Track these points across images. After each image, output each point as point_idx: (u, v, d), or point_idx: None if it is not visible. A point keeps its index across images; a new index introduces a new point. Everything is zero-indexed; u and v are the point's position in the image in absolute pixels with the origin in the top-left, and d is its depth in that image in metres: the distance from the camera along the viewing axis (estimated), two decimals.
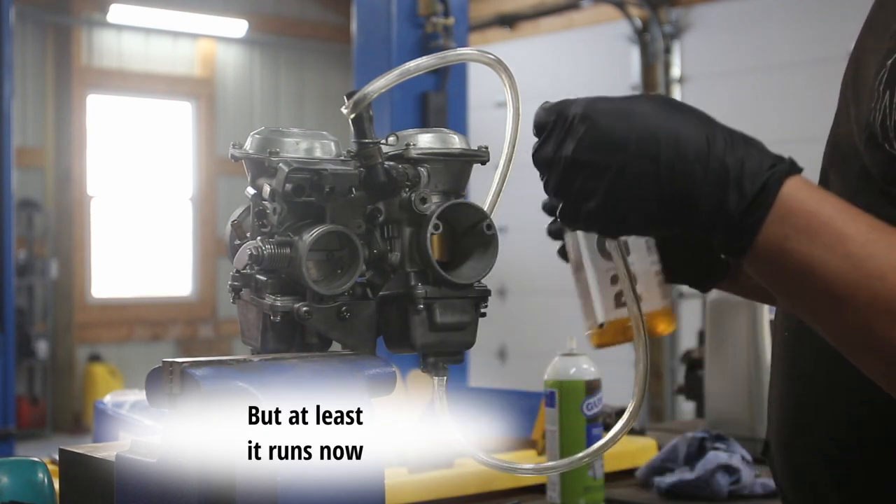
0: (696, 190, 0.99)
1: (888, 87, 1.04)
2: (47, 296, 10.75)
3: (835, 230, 0.96)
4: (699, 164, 0.99)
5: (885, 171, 1.04)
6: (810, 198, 0.98)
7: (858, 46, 1.17)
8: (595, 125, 1.00)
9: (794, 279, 0.98)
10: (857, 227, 0.97)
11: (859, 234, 0.96)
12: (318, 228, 1.18)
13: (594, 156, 1.00)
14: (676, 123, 1.00)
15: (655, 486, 2.02)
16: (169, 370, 1.09)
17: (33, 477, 1.34)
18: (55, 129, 10.83)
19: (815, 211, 0.97)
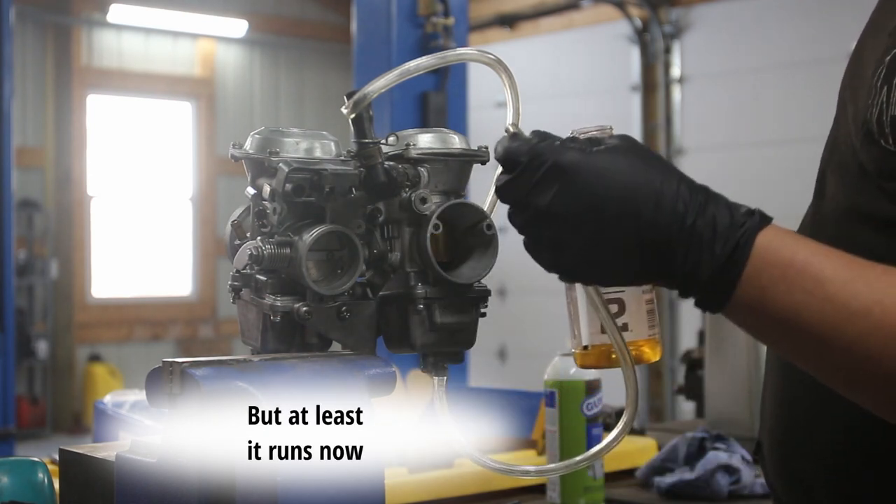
0: (671, 252, 0.99)
1: (885, 83, 1.04)
2: (47, 296, 10.75)
3: (812, 274, 0.96)
4: (676, 225, 0.98)
5: (880, 166, 1.05)
6: (784, 246, 0.98)
7: (858, 48, 1.18)
8: (571, 181, 0.99)
9: (776, 327, 0.99)
10: (833, 268, 0.97)
11: (837, 274, 0.96)
12: (318, 228, 1.18)
13: (569, 213, 0.99)
14: (652, 182, 0.99)
15: (655, 486, 2.02)
16: (169, 370, 1.09)
17: (33, 477, 1.34)
18: (55, 129, 10.83)
19: (789, 259, 0.97)
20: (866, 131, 1.06)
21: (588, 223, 0.99)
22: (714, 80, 9.33)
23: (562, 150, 1.00)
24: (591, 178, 0.99)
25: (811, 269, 0.97)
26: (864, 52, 1.14)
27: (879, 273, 0.97)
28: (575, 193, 0.99)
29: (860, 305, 0.95)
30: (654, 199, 0.98)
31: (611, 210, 0.99)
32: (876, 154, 1.05)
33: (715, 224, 0.98)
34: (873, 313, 0.94)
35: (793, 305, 0.96)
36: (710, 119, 9.35)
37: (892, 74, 1.04)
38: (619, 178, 0.99)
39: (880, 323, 0.94)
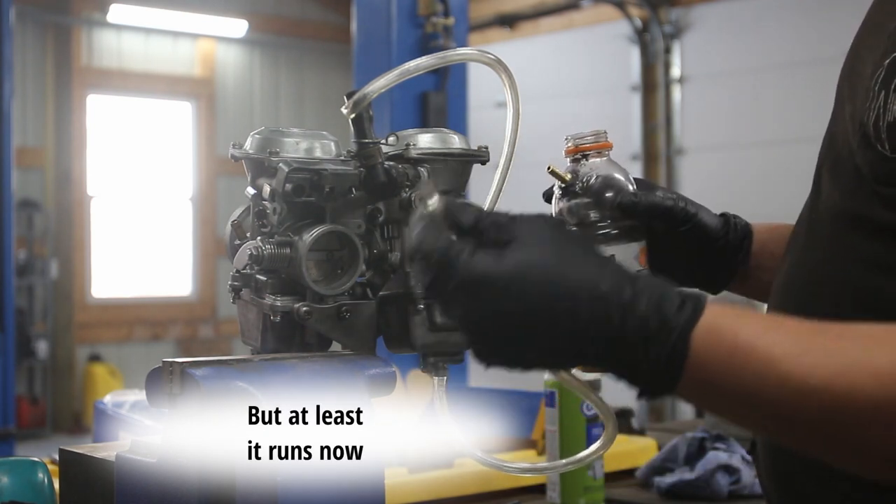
0: (612, 342, 0.94)
1: (883, 87, 1.04)
2: (47, 296, 10.75)
3: (760, 356, 0.91)
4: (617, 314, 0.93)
5: (876, 171, 1.04)
6: (725, 332, 0.92)
7: (855, 44, 1.17)
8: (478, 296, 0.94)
9: (732, 410, 0.95)
10: (783, 344, 0.91)
11: (788, 351, 0.91)
12: (318, 228, 1.18)
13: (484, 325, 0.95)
14: (570, 285, 0.94)
15: (655, 486, 2.02)
16: (169, 370, 1.09)
17: (33, 477, 1.34)
18: (55, 129, 10.83)
19: (732, 344, 0.92)
20: (863, 134, 1.06)
21: (507, 333, 0.95)
22: (714, 80, 9.33)
23: (470, 261, 0.95)
24: (502, 289, 0.94)
25: (759, 351, 0.91)
26: (862, 50, 1.13)
27: (834, 338, 0.92)
28: (486, 308, 0.94)
29: (817, 382, 0.89)
30: (572, 308, 0.93)
31: (528, 321, 0.94)
32: (872, 157, 1.05)
33: (647, 326, 0.92)
34: (834, 386, 0.89)
35: (745, 391, 0.91)
36: (710, 119, 9.35)
37: (890, 79, 1.04)
38: (533, 288, 0.94)
39: (845, 393, 0.89)
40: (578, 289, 0.93)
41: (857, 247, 1.05)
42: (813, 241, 1.14)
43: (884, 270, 1.02)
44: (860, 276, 1.04)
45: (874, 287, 1.02)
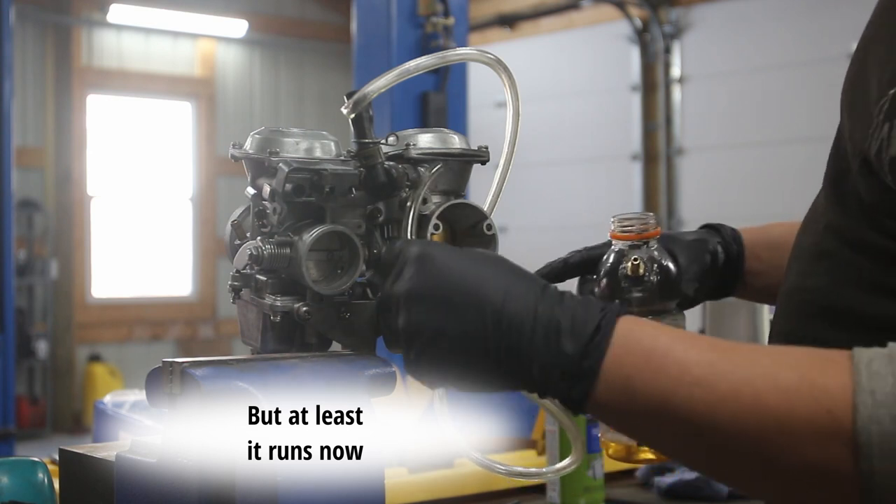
0: (524, 342, 0.96)
1: (888, 119, 1.01)
2: (47, 296, 10.75)
3: (676, 359, 0.93)
4: (528, 315, 0.97)
5: (875, 200, 1.03)
6: (645, 334, 0.95)
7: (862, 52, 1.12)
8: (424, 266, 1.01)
9: (644, 418, 0.94)
10: (697, 352, 0.93)
11: (702, 358, 0.92)
12: (318, 228, 1.18)
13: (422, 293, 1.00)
14: (505, 280, 0.99)
15: (655, 486, 2.02)
16: (169, 370, 1.09)
17: (33, 477, 1.34)
18: (55, 129, 10.83)
19: (651, 346, 0.94)
20: (863, 160, 1.04)
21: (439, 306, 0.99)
22: (714, 80, 9.33)
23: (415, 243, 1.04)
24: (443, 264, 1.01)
25: (674, 354, 0.93)
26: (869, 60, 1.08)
27: (747, 352, 0.93)
28: (427, 275, 1.01)
29: (728, 388, 0.90)
30: (502, 293, 0.98)
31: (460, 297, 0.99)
32: (874, 185, 1.03)
33: (574, 312, 0.96)
34: (743, 395, 0.90)
35: (660, 393, 0.92)
36: (710, 119, 9.35)
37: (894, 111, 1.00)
38: (471, 268, 1.00)
39: (752, 404, 0.89)
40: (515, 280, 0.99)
41: (863, 271, 1.04)
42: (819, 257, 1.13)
43: (887, 294, 1.01)
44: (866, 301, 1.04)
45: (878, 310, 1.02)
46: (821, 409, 0.88)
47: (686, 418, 0.92)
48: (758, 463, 0.91)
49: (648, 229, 1.23)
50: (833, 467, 0.88)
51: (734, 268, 1.38)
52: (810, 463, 0.89)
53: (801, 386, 0.89)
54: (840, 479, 0.88)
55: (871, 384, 0.88)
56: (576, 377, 0.95)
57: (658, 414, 0.93)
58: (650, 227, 1.23)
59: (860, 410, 0.87)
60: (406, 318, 1.01)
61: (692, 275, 1.33)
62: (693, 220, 9.39)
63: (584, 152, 9.95)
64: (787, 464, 0.90)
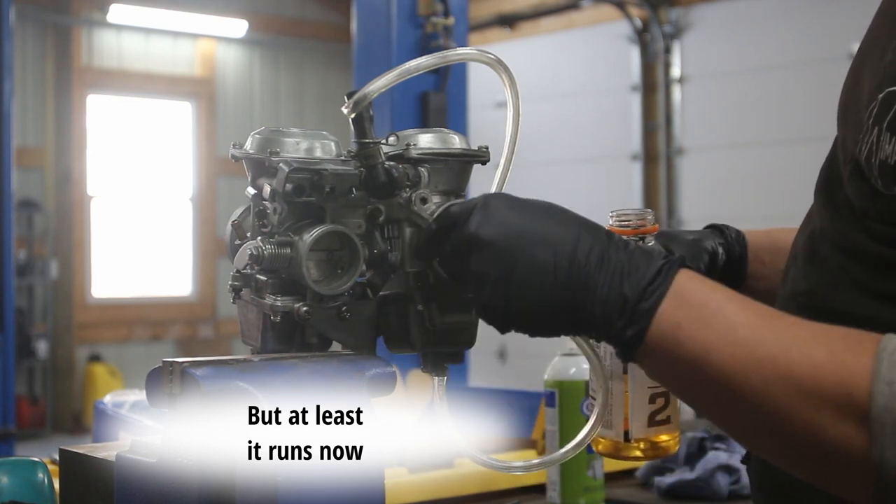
0: (591, 282, 1.01)
1: (877, 123, 1.01)
2: (47, 296, 10.75)
3: (726, 318, 0.97)
4: (596, 258, 1.02)
5: (866, 205, 1.03)
6: (701, 288, 1.00)
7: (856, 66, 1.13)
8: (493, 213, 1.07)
9: (687, 369, 0.99)
10: (745, 315, 0.98)
11: (748, 321, 0.97)
12: (318, 228, 1.18)
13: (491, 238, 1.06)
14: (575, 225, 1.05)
15: (655, 486, 2.02)
16: (169, 370, 1.09)
17: (33, 477, 1.34)
18: (55, 129, 10.83)
19: (706, 300, 0.99)
20: (855, 165, 1.05)
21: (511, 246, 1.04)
22: (714, 80, 9.33)
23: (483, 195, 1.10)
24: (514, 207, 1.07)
25: (725, 313, 0.98)
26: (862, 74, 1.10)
27: (789, 323, 0.97)
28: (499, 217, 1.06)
29: (766, 353, 0.94)
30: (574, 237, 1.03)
31: (532, 237, 1.04)
32: (865, 191, 1.03)
33: (634, 257, 1.02)
34: (778, 362, 0.94)
35: (705, 346, 0.97)
36: (710, 119, 9.35)
37: (883, 115, 1.01)
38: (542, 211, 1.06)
39: (785, 373, 0.93)
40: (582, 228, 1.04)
41: (854, 275, 1.05)
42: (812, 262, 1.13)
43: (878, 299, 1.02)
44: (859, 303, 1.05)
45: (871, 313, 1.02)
46: (843, 390, 0.91)
47: (723, 377, 0.96)
48: (779, 432, 0.94)
49: (646, 225, 1.23)
50: (848, 450, 0.91)
51: (736, 269, 1.38)
52: (828, 441, 0.91)
53: (830, 363, 0.92)
54: (855, 462, 0.91)
55: (890, 374, 0.90)
56: (633, 317, 0.99)
57: (698, 367, 0.97)
58: (648, 222, 1.23)
59: (876, 399, 0.89)
60: (479, 258, 1.05)
61: None
62: (693, 220, 9.39)
63: (584, 152, 9.95)
64: (807, 438, 0.93)
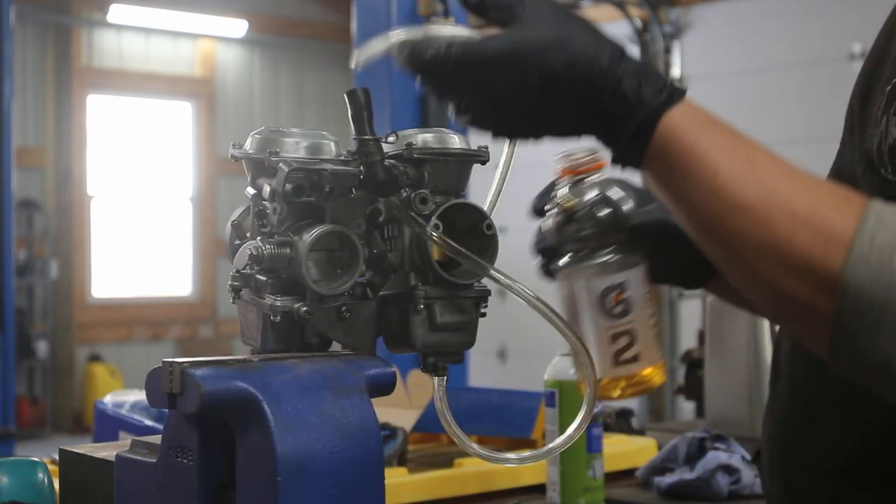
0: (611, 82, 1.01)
1: (885, 112, 1.04)
2: (47, 296, 10.75)
3: (707, 165, 0.99)
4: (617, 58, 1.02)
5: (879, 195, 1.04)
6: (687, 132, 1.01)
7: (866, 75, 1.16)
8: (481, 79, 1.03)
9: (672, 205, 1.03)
10: (729, 160, 0.98)
11: (731, 167, 0.98)
12: (318, 228, 1.18)
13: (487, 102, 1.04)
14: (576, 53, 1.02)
15: (655, 486, 2.02)
16: (169, 370, 1.09)
17: (33, 477, 1.34)
18: (55, 129, 10.83)
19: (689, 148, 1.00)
20: (867, 160, 1.06)
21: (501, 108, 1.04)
22: (714, 80, 9.33)
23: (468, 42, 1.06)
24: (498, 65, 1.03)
25: (707, 161, 0.99)
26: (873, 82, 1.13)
27: (775, 171, 0.98)
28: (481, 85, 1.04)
29: (743, 200, 0.96)
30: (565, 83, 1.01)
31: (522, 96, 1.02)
32: (875, 183, 1.04)
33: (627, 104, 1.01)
34: (755, 209, 0.95)
35: (685, 191, 1.00)
36: None
37: (890, 104, 1.04)
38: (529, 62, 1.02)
39: (761, 222, 0.95)
40: (573, 65, 1.01)
41: None
42: None
43: None
44: None
45: None
46: (820, 240, 0.93)
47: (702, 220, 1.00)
48: (749, 275, 0.98)
49: (589, 164, 1.23)
50: (812, 301, 0.93)
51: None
52: (793, 290, 0.94)
53: (811, 216, 0.94)
54: (816, 315, 0.93)
55: (874, 229, 0.91)
56: (648, 115, 1.01)
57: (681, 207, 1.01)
58: (591, 161, 1.23)
59: (854, 249, 0.91)
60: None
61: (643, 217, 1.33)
62: None
63: None
64: (775, 285, 0.95)
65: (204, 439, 1.10)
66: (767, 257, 0.95)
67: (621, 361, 1.18)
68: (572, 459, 1.87)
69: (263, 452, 1.06)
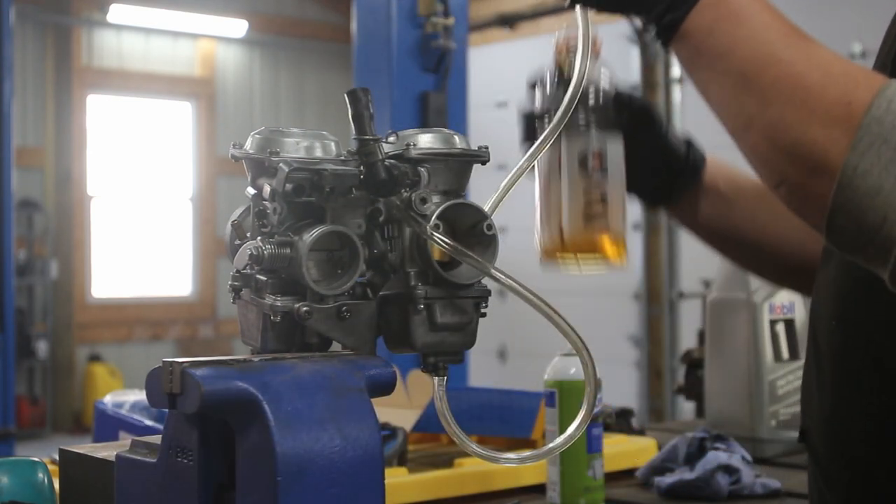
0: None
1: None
2: (47, 296, 10.75)
3: (760, 20, 1.06)
4: None
5: None
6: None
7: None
8: None
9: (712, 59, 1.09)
10: (779, 23, 1.06)
11: (780, 28, 1.06)
12: (318, 228, 1.18)
13: None
14: None
15: (655, 486, 2.02)
16: (169, 370, 1.09)
17: (33, 477, 1.34)
18: (55, 129, 10.83)
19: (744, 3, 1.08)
20: None
21: None
22: None
23: None
24: None
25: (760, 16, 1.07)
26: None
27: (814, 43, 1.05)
28: None
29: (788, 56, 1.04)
30: None
31: None
32: None
33: None
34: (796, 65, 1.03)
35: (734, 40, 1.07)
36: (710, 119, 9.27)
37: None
38: None
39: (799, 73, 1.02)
40: None
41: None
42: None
43: None
44: None
45: None
46: (845, 98, 0.99)
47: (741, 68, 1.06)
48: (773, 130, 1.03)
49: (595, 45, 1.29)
50: (827, 150, 0.99)
51: (692, 165, 1.47)
52: (811, 139, 1.00)
53: (843, 77, 1.01)
54: (828, 165, 0.98)
55: (894, 93, 0.98)
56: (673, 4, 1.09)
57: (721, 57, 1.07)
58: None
59: (872, 111, 0.97)
60: None
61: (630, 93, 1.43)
62: None
63: None
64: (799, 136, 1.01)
65: (204, 439, 1.10)
66: (798, 107, 1.01)
67: (591, 224, 1.23)
68: (572, 459, 1.87)
69: (263, 452, 1.06)
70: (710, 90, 1.12)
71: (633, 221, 9.71)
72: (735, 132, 1.09)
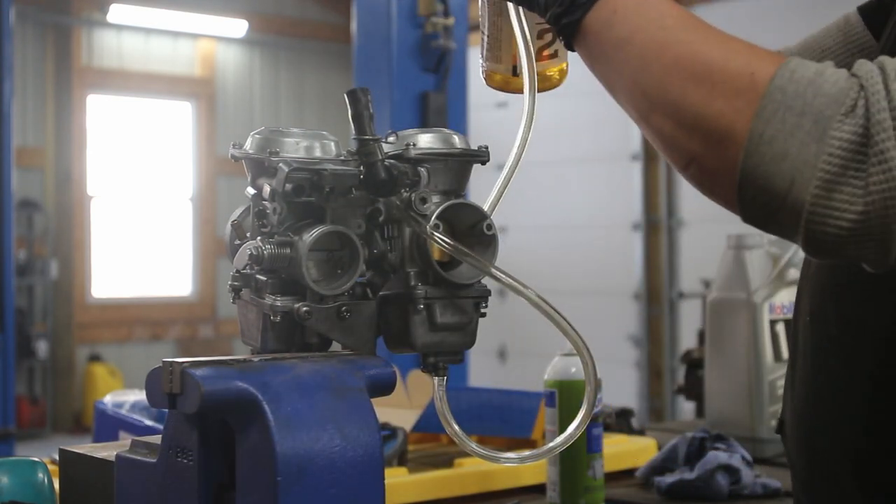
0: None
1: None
2: (47, 296, 10.75)
3: (659, 9, 1.07)
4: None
5: None
6: None
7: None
8: None
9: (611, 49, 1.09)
10: (678, 11, 1.07)
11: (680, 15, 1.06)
12: (318, 228, 1.18)
13: None
14: None
15: (655, 486, 2.02)
16: (169, 370, 1.09)
17: (33, 477, 1.34)
18: (55, 129, 10.83)
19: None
20: None
21: None
22: None
23: None
24: None
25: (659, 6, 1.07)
26: None
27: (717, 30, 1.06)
28: None
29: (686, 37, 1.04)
30: None
31: None
32: None
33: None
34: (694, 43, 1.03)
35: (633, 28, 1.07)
36: None
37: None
38: None
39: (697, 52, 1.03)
40: None
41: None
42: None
43: None
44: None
45: None
46: (748, 69, 1.00)
47: (640, 53, 1.06)
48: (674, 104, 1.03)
49: None
50: (732, 121, 0.99)
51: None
52: (716, 112, 1.00)
53: (743, 51, 1.02)
54: (733, 135, 0.99)
55: (796, 66, 0.99)
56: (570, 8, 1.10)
57: (621, 46, 1.08)
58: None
59: (775, 80, 0.98)
60: None
61: None
62: (693, 219, 9.39)
63: (583, 152, 9.95)
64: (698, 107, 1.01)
65: (204, 439, 1.10)
66: (700, 82, 1.01)
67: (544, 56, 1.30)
68: (572, 459, 1.87)
69: (263, 452, 1.06)
70: (614, 81, 1.11)
71: (633, 221, 9.71)
72: (640, 119, 1.09)
